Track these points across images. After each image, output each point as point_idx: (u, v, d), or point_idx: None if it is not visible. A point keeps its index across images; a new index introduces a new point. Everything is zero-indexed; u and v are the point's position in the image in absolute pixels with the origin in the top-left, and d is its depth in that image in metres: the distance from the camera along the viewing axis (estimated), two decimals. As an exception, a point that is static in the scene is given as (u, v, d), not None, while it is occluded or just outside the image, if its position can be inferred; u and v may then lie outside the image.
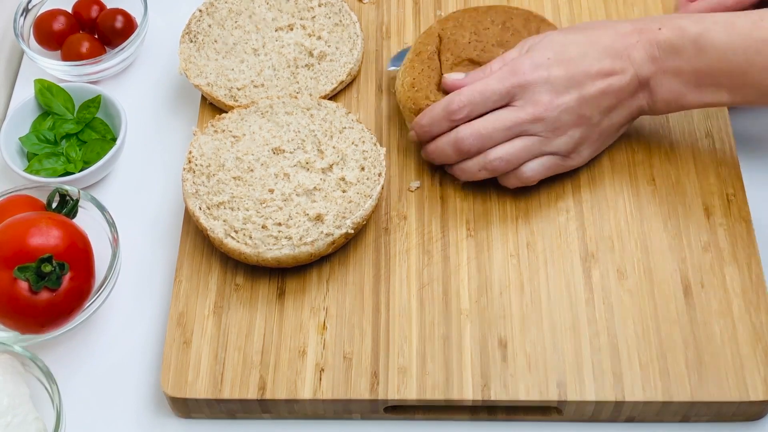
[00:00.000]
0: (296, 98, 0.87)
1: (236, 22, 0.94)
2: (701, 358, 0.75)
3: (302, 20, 0.94)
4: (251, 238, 0.78)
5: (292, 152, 0.84)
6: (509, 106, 0.80)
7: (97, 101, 0.93)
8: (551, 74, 0.79)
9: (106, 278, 0.80)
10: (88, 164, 0.90)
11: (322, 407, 0.76)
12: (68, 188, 0.82)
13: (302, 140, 0.84)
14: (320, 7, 0.95)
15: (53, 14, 0.99)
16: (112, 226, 0.82)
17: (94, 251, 0.79)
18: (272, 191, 0.81)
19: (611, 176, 0.85)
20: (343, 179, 0.81)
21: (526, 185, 0.83)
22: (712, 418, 0.76)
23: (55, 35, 0.98)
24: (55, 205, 0.82)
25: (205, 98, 0.92)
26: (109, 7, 1.01)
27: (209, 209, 0.80)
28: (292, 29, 0.94)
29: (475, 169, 0.81)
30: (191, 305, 0.80)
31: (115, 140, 0.92)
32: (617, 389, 0.74)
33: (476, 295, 0.79)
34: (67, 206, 0.82)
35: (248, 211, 0.80)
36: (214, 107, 0.92)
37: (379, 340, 0.77)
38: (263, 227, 0.79)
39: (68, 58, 0.97)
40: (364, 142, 0.84)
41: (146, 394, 0.80)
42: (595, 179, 0.85)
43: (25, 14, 0.98)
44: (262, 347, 0.77)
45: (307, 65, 0.91)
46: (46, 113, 0.94)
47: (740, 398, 0.73)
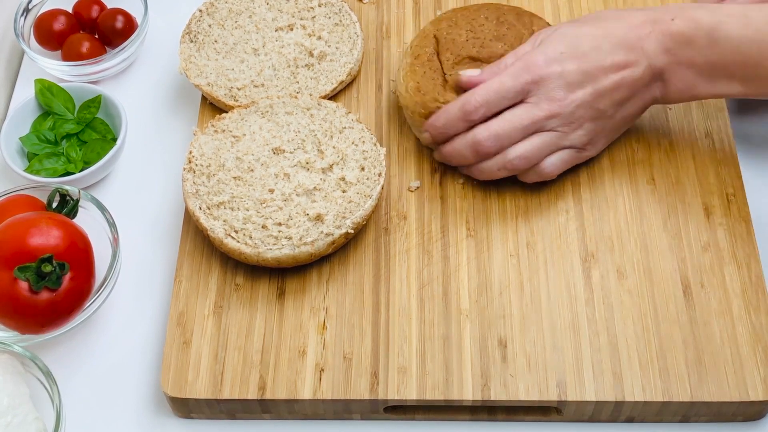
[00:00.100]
0: (296, 98, 0.87)
1: (236, 22, 0.94)
2: (701, 358, 0.75)
3: (302, 20, 0.94)
4: (251, 238, 0.78)
5: (292, 152, 0.84)
6: (524, 102, 0.80)
7: (97, 101, 0.93)
8: (565, 69, 0.78)
9: (106, 278, 0.80)
10: (88, 164, 0.90)
11: (322, 407, 0.76)
12: (68, 188, 0.82)
13: (302, 140, 0.84)
14: (320, 7, 0.95)
15: (53, 14, 0.99)
16: (112, 226, 0.82)
17: (94, 251, 0.79)
18: (272, 191, 0.81)
19: (611, 176, 0.85)
20: (343, 179, 0.81)
21: (545, 180, 0.83)
22: (712, 418, 0.76)
23: (55, 35, 0.98)
24: (55, 205, 0.82)
25: (205, 98, 0.92)
26: (109, 7, 1.01)
27: (209, 209, 0.80)
28: (292, 29, 0.94)
29: (494, 168, 0.81)
30: (191, 305, 0.80)
31: (115, 140, 0.92)
32: (617, 389, 0.74)
33: (476, 295, 0.79)
34: (67, 206, 0.82)
35: (248, 211, 0.80)
36: (214, 107, 0.92)
37: (379, 340, 0.77)
38: (263, 227, 0.79)
39: (68, 58, 0.97)
40: (364, 142, 0.84)
41: (146, 394, 0.80)
42: (594, 179, 0.85)
43: (25, 14, 0.99)
44: (262, 347, 0.77)
45: (307, 65, 0.91)
46: (46, 113, 0.94)
47: (740, 398, 0.73)
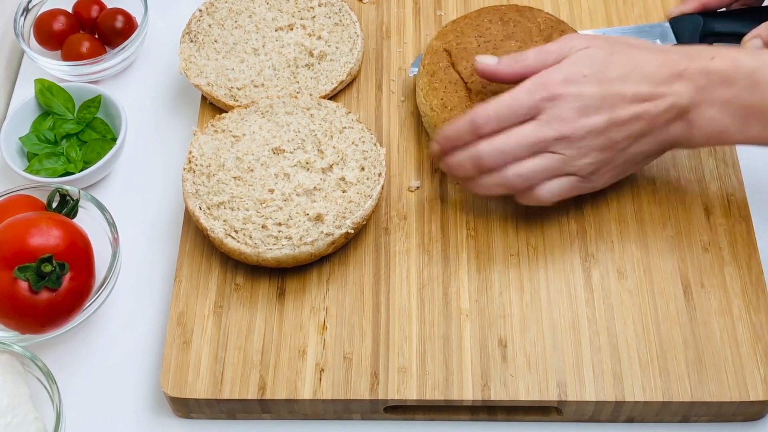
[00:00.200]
0: (296, 98, 0.87)
1: (236, 21, 0.94)
2: (701, 358, 0.75)
3: (302, 20, 0.94)
4: (251, 238, 0.78)
5: (292, 152, 0.84)
6: (534, 120, 0.76)
7: (97, 101, 0.93)
8: (583, 91, 0.75)
9: (106, 278, 0.80)
10: (88, 164, 0.90)
11: (322, 407, 0.76)
12: (68, 188, 0.82)
13: (302, 140, 0.84)
14: (320, 6, 0.95)
15: (53, 14, 0.99)
16: (112, 226, 0.82)
17: (94, 251, 0.79)
18: (272, 191, 0.81)
19: (611, 176, 0.85)
20: (343, 179, 0.81)
21: (541, 205, 0.80)
22: (712, 418, 0.76)
23: (55, 35, 0.98)
24: (55, 205, 0.82)
25: (205, 98, 0.92)
26: (109, 7, 1.01)
27: (209, 209, 0.80)
28: (292, 29, 0.94)
29: (492, 185, 0.78)
30: (191, 305, 0.80)
31: (115, 140, 0.92)
32: (617, 389, 0.74)
33: (476, 294, 0.79)
34: (67, 206, 0.82)
35: (248, 211, 0.80)
36: (214, 107, 0.92)
37: (379, 340, 0.77)
38: (263, 227, 0.79)
39: (68, 58, 0.97)
40: (364, 142, 0.84)
41: (146, 394, 0.80)
42: (595, 179, 0.85)
43: (25, 14, 0.98)
44: (262, 347, 0.77)
45: (307, 65, 0.91)
46: (46, 113, 0.94)
47: (740, 398, 0.73)
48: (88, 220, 0.82)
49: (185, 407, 0.77)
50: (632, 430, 0.77)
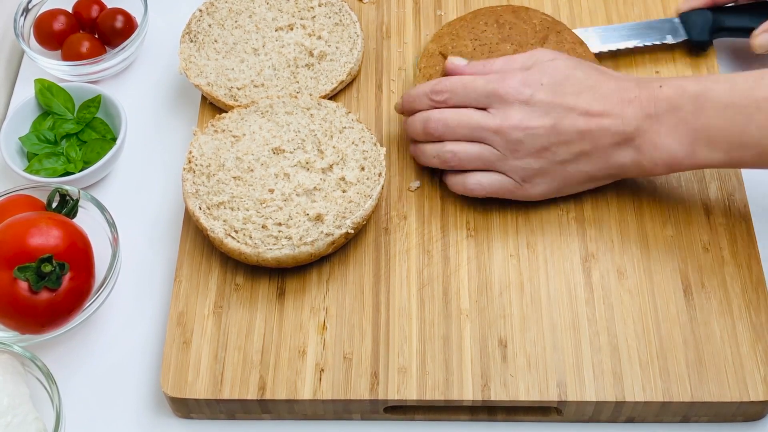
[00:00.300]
0: (296, 98, 0.87)
1: (236, 21, 0.94)
2: (701, 358, 0.75)
3: (302, 20, 0.94)
4: (251, 238, 0.78)
5: (292, 152, 0.84)
6: (484, 110, 0.80)
7: (97, 101, 0.93)
8: (534, 96, 0.78)
9: (106, 278, 0.80)
10: (88, 164, 0.90)
11: (322, 407, 0.76)
12: (68, 188, 0.82)
13: (302, 140, 0.84)
14: (320, 6, 0.95)
15: (53, 14, 0.99)
16: (112, 226, 0.82)
17: (94, 251, 0.79)
18: (272, 191, 0.81)
19: (611, 176, 0.85)
20: (343, 179, 0.81)
21: (470, 195, 0.82)
22: (712, 418, 0.76)
23: (55, 35, 0.98)
24: (55, 205, 0.82)
25: (205, 98, 0.92)
26: (109, 6, 1.01)
27: (209, 209, 0.80)
28: (292, 29, 0.94)
29: (430, 154, 0.82)
30: (191, 305, 0.80)
31: (115, 140, 0.92)
32: (617, 389, 0.74)
33: (476, 295, 0.79)
34: (67, 206, 0.82)
35: (248, 211, 0.80)
36: (214, 107, 0.92)
37: (379, 340, 0.77)
38: (263, 227, 0.79)
39: (68, 58, 0.97)
40: (364, 142, 0.84)
41: (146, 394, 0.80)
42: (595, 179, 0.85)
43: (25, 14, 0.98)
44: (262, 347, 0.77)
45: (307, 65, 0.91)
46: (46, 113, 0.94)
47: (740, 398, 0.73)
48: (88, 220, 0.82)
49: (185, 407, 0.77)
50: (632, 430, 0.77)
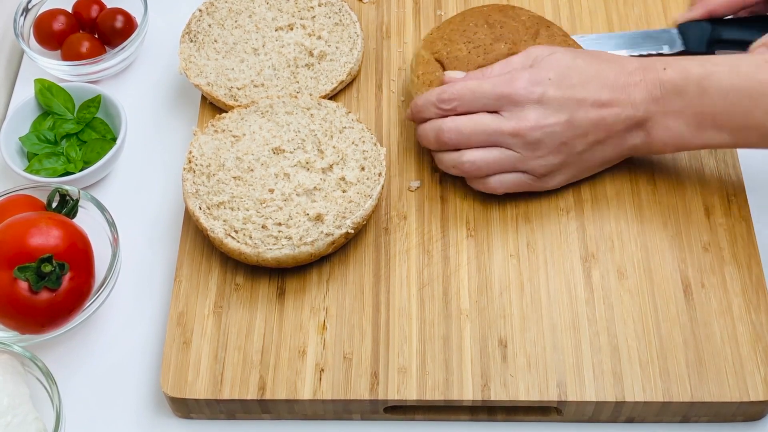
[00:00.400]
0: (296, 98, 0.87)
1: (236, 21, 0.94)
2: (701, 358, 0.75)
3: (302, 20, 0.94)
4: (251, 238, 0.78)
5: (292, 152, 0.84)
6: (497, 113, 0.79)
7: (97, 101, 0.93)
8: (546, 93, 0.78)
9: (106, 278, 0.80)
10: (88, 164, 0.90)
11: (322, 407, 0.76)
12: (68, 188, 0.82)
13: (302, 140, 0.84)
14: (320, 6, 0.95)
15: (53, 14, 0.99)
16: (112, 226, 0.82)
17: (94, 251, 0.79)
18: (272, 191, 0.81)
19: (611, 176, 0.85)
20: (343, 179, 0.81)
21: (491, 193, 0.83)
22: (712, 418, 0.76)
23: (55, 35, 0.98)
24: (55, 205, 0.82)
25: (205, 98, 0.92)
26: (109, 6, 1.01)
27: (209, 209, 0.80)
28: (292, 29, 0.94)
29: (449, 164, 0.82)
30: (191, 305, 0.80)
31: (115, 140, 0.92)
32: (617, 389, 0.74)
33: (476, 295, 0.79)
34: (67, 206, 0.82)
35: (248, 211, 0.80)
36: (214, 107, 0.92)
37: (379, 340, 0.77)
38: (263, 227, 0.79)
39: (68, 57, 0.97)
40: (364, 141, 0.84)
41: (146, 394, 0.80)
42: (595, 178, 0.85)
43: (25, 14, 0.98)
44: (262, 347, 0.77)
45: (307, 65, 0.91)
46: (46, 113, 0.94)
47: (740, 398, 0.73)
48: (88, 220, 0.82)
49: (185, 407, 0.77)
50: (632, 430, 0.77)
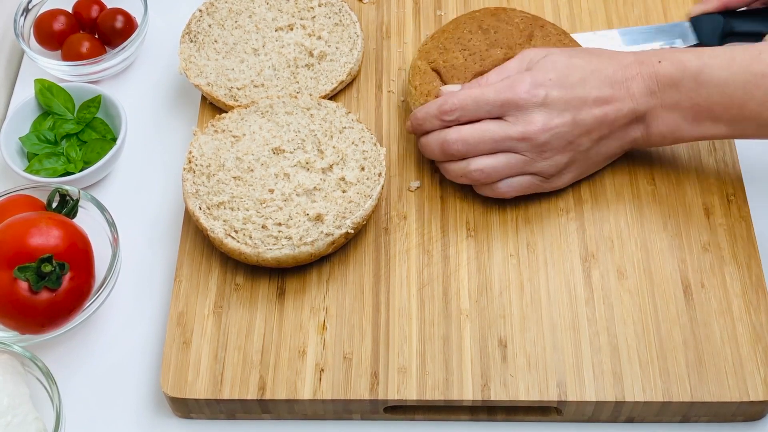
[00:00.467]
0: (296, 98, 0.87)
1: (236, 21, 0.94)
2: (701, 358, 0.75)
3: (302, 20, 0.94)
4: (251, 238, 0.78)
5: (292, 152, 0.84)
6: (501, 119, 0.79)
7: (97, 101, 0.93)
8: (549, 95, 0.78)
9: (106, 278, 0.80)
10: (88, 164, 0.90)
11: (322, 407, 0.76)
12: (68, 188, 0.82)
13: (302, 140, 0.84)
14: (320, 6, 0.95)
15: (53, 14, 0.99)
16: (112, 226, 0.82)
17: (94, 251, 0.79)
18: (272, 191, 0.81)
19: (611, 176, 0.85)
20: (343, 179, 0.81)
21: (500, 198, 0.83)
22: (712, 418, 0.76)
23: (55, 35, 0.98)
24: (55, 205, 0.82)
25: (205, 98, 0.92)
26: (109, 7, 1.01)
27: (209, 209, 0.80)
28: (292, 29, 0.94)
29: (457, 173, 0.82)
30: (191, 305, 0.80)
31: (115, 140, 0.92)
32: (617, 389, 0.74)
33: (476, 295, 0.79)
34: (67, 206, 0.82)
35: (248, 211, 0.80)
36: (214, 107, 0.92)
37: (379, 340, 0.77)
38: (263, 227, 0.79)
39: (68, 58, 0.97)
40: (364, 142, 0.84)
41: (146, 394, 0.80)
42: (595, 179, 0.85)
43: (25, 14, 0.98)
44: (262, 347, 0.77)
45: (307, 65, 0.91)
46: (46, 113, 0.94)
47: (740, 398, 0.73)
48: (88, 220, 0.82)
49: (185, 407, 0.77)
50: (632, 430, 0.77)
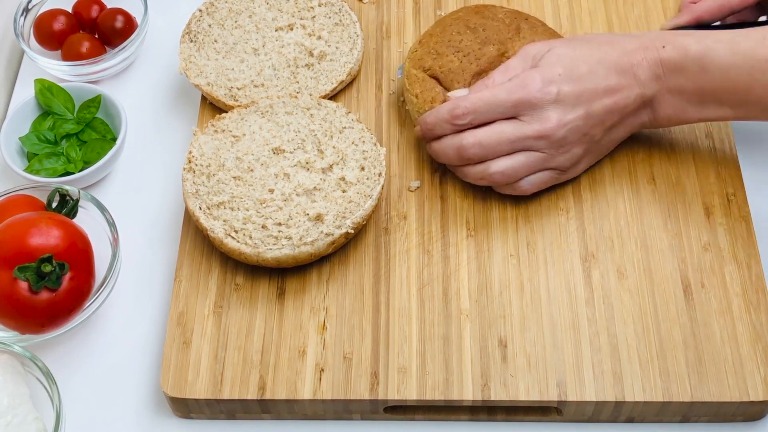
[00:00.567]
0: (296, 98, 0.87)
1: (236, 21, 0.94)
2: (701, 357, 0.75)
3: (302, 20, 0.94)
4: (251, 238, 0.78)
5: (292, 152, 0.84)
6: (515, 119, 0.79)
7: (97, 101, 0.93)
8: (561, 90, 0.78)
9: (106, 278, 0.80)
10: (88, 164, 0.90)
11: (322, 407, 0.76)
12: (68, 188, 0.82)
13: (302, 140, 0.84)
14: (320, 6, 0.95)
15: (53, 14, 0.99)
16: (112, 226, 0.82)
17: (94, 251, 0.79)
18: (272, 191, 0.81)
19: (611, 176, 0.85)
20: (343, 179, 0.81)
21: (521, 195, 0.83)
22: (712, 418, 0.76)
23: (55, 35, 0.98)
24: (55, 205, 0.82)
25: (205, 98, 0.92)
26: (109, 7, 1.01)
27: (209, 209, 0.80)
28: (292, 29, 0.94)
29: (476, 177, 0.82)
30: (191, 305, 0.80)
31: (115, 140, 0.92)
32: (617, 389, 0.74)
33: (476, 294, 0.79)
34: (67, 206, 0.82)
35: (248, 211, 0.80)
36: (214, 107, 0.92)
37: (379, 340, 0.77)
38: (263, 227, 0.79)
39: (68, 58, 0.97)
40: (364, 141, 0.84)
41: (146, 394, 0.80)
42: (595, 179, 0.85)
43: (25, 14, 0.98)
44: (262, 347, 0.77)
45: (307, 65, 0.91)
46: (46, 113, 0.94)
47: (740, 398, 0.73)
48: (88, 220, 0.82)
49: (185, 407, 0.77)
50: (632, 430, 0.77)
